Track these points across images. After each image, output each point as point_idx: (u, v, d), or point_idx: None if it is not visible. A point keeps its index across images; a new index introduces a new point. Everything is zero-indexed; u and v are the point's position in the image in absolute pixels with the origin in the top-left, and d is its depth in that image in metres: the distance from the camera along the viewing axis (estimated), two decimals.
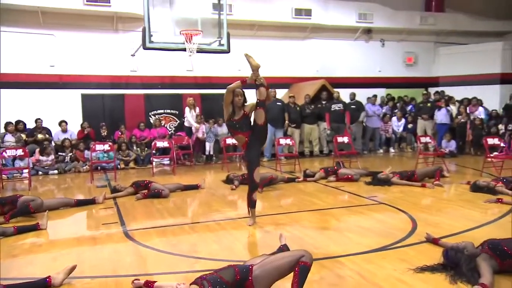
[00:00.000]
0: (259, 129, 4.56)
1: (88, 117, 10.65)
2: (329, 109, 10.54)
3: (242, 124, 4.54)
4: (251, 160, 4.60)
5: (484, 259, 3.12)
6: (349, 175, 7.18)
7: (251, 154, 4.60)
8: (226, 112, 4.59)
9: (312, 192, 6.43)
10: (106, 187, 7.15)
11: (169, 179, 7.84)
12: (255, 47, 11.88)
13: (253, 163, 4.59)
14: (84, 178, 8.36)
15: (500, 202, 5.39)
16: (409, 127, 11.94)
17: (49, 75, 10.59)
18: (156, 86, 11.46)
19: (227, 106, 4.56)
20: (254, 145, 4.59)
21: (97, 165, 9.18)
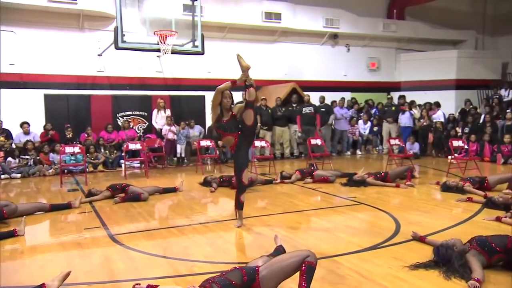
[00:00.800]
0: (247, 130, 4.56)
1: (52, 118, 10.21)
2: (300, 112, 10.71)
3: (230, 126, 4.52)
4: (239, 161, 4.59)
5: (473, 255, 3.28)
6: (325, 177, 7.31)
7: (240, 155, 4.59)
8: (214, 114, 4.55)
9: (292, 194, 6.50)
10: (77, 191, 6.89)
11: (143, 182, 7.67)
12: (225, 50, 11.92)
13: (242, 164, 4.58)
14: (50, 182, 8.00)
15: (470, 201, 5.69)
16: (375, 130, 12.36)
17: (9, 74, 10.05)
18: (124, 87, 11.15)
19: (215, 108, 4.52)
20: (242, 146, 4.58)
21: (64, 168, 8.81)
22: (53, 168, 8.93)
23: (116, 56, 10.46)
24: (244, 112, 4.52)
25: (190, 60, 11.18)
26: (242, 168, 4.58)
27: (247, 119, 4.52)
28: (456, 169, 8.32)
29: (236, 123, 4.57)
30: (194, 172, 9.01)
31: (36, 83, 10.27)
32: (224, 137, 4.61)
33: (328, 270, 3.35)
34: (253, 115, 4.53)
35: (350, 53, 14.21)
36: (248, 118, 4.52)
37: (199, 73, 11.81)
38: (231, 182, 6.86)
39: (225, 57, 11.92)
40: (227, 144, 4.70)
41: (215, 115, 4.56)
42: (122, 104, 11.09)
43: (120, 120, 10.98)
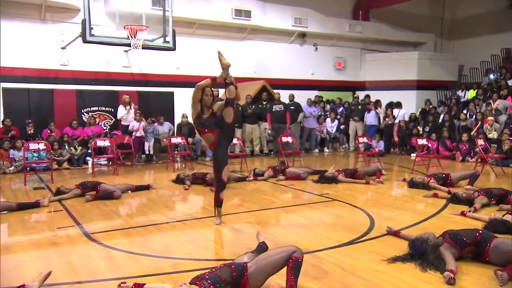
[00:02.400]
0: (227, 127, 4.59)
1: (11, 113, 9.78)
2: (271, 109, 10.82)
3: (210, 123, 4.53)
4: (219, 159, 4.61)
5: (446, 248, 3.46)
6: (298, 174, 7.44)
7: (220, 152, 4.60)
8: (194, 111, 4.55)
9: (267, 191, 6.59)
10: (44, 189, 6.65)
11: (113, 180, 7.52)
12: (193, 46, 11.85)
13: (221, 162, 4.60)
14: (11, 180, 7.67)
15: (436, 196, 5.98)
16: (341, 128, 12.67)
17: None
18: (90, 82, 10.85)
19: (195, 104, 4.52)
20: (222, 144, 4.60)
21: (27, 166, 8.45)
22: (13, 165, 8.56)
23: (80, 49, 10.16)
24: (224, 109, 4.54)
25: (158, 56, 11.01)
26: (221, 166, 4.60)
27: (226, 116, 4.54)
28: (419, 166, 8.70)
29: (216, 121, 4.58)
30: (164, 169, 8.91)
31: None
32: (204, 134, 4.61)
33: (311, 265, 3.44)
34: (233, 113, 4.56)
35: (317, 52, 14.48)
36: (228, 115, 4.54)
37: (168, 69, 11.66)
38: (205, 179, 6.86)
39: (195, 53, 11.87)
40: (207, 141, 4.70)
41: (195, 112, 4.56)
42: (87, 100, 10.78)
43: (85, 116, 10.68)
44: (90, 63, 10.74)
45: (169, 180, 7.35)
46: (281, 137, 9.25)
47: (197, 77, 12.53)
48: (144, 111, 10.56)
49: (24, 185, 7.13)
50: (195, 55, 11.91)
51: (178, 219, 4.87)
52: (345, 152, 12.24)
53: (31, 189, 6.81)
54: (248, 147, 11.19)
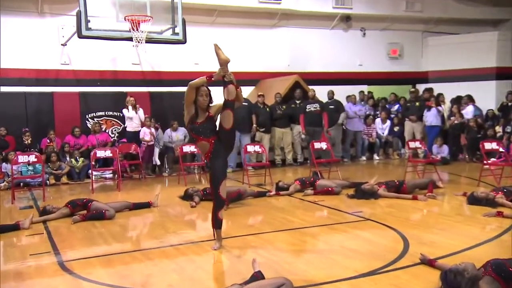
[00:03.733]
0: (226, 134, 4.60)
1: (6, 120, 10.21)
2: (304, 110, 10.74)
3: (206, 128, 4.56)
4: (216, 171, 4.62)
5: (487, 282, 3.24)
6: (329, 187, 7.34)
7: (217, 164, 4.62)
8: (187, 114, 4.60)
9: (287, 208, 6.54)
10: (32, 208, 6.96)
11: (114, 196, 7.73)
12: (214, 37, 11.84)
13: (218, 175, 4.61)
14: (2, 198, 8.04)
15: (501, 215, 5.62)
16: (395, 130, 12.35)
17: None
18: (95, 82, 11.24)
19: (189, 107, 4.58)
20: (219, 153, 4.61)
21: (19, 181, 8.91)
22: (6, 181, 9.01)
23: (83, 45, 10.52)
24: (222, 113, 4.56)
25: (173, 51, 11.24)
26: (219, 179, 4.61)
27: (225, 121, 4.56)
28: (490, 177, 8.30)
29: (213, 126, 4.62)
30: (176, 183, 9.07)
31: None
32: (198, 142, 4.65)
33: None
34: (232, 117, 4.56)
35: (366, 38, 14.21)
36: (227, 120, 4.55)
37: (185, 65, 11.85)
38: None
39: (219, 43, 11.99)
40: (201, 150, 4.74)
41: (188, 115, 4.61)
42: (92, 103, 11.16)
43: (89, 122, 11.08)
44: (94, 61, 11.11)
45: (177, 196, 7.46)
46: (312, 143, 9.15)
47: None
48: (156, 115, 10.83)
49: (11, 204, 7.47)
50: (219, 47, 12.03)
51: (172, 243, 4.92)
52: (401, 160, 11.91)
53: (19, 208, 7.10)
54: (278, 155, 11.17)
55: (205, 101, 4.55)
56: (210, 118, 4.60)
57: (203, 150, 4.68)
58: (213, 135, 4.58)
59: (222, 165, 4.68)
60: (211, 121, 4.60)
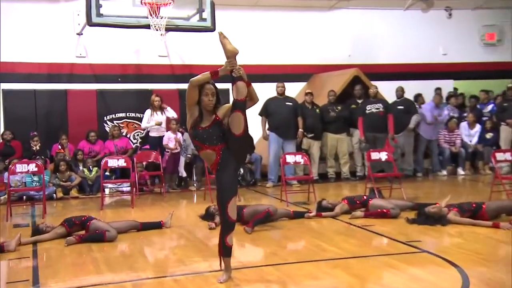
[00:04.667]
0: (236, 141, 4.53)
1: (12, 123, 10.81)
2: (363, 111, 10.59)
3: (211, 134, 4.52)
4: (223, 187, 4.56)
5: None
6: (384, 209, 7.13)
7: (224, 177, 4.56)
8: (190, 117, 4.59)
9: (326, 233, 6.41)
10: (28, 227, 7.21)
11: (125, 214, 7.93)
12: (257, 22, 12.04)
13: (226, 191, 4.55)
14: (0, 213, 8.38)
15: None
16: (488, 138, 11.88)
17: None
18: (115, 78, 11.58)
19: (191, 108, 4.57)
20: (228, 165, 4.56)
21: (21, 194, 9.30)
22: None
23: (102, 35, 10.88)
24: (231, 115, 4.52)
25: (207, 40, 11.29)
26: (227, 197, 4.55)
27: (235, 126, 4.49)
28: None
29: (220, 132, 4.57)
30: (202, 199, 9.16)
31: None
32: (202, 151, 4.63)
33: None
34: (243, 120, 4.50)
35: (452, 20, 13.80)
36: (236, 124, 4.49)
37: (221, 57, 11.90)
38: (241, 215, 6.89)
39: (259, 33, 12.06)
40: (207, 160, 4.71)
41: (191, 119, 4.61)
42: (111, 103, 11.52)
43: (108, 126, 11.43)
44: (114, 53, 11.45)
45: (198, 215, 7.51)
46: (369, 152, 8.95)
47: (264, 66, 13.14)
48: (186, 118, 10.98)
49: (6, 221, 7.77)
50: (260, 36, 12.11)
51: (173, 274, 4.93)
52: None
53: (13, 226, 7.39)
54: (332, 168, 11.04)
55: (210, 102, 4.52)
56: (217, 122, 4.55)
57: (208, 160, 4.64)
58: (220, 142, 4.53)
59: (231, 179, 4.62)
60: (218, 125, 4.55)
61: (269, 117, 10.55)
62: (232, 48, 4.52)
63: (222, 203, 4.59)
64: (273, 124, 10.53)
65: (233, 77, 4.49)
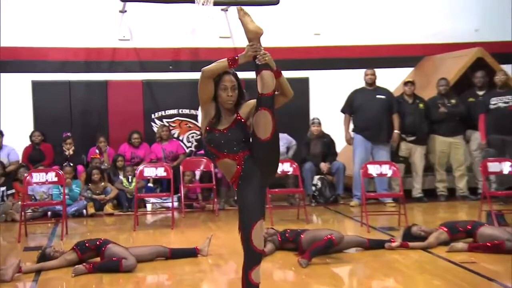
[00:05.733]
0: (262, 148, 4.43)
1: (43, 122, 11.28)
2: (486, 106, 10.26)
3: (231, 139, 4.44)
4: (246, 207, 4.45)
5: None
6: (497, 241, 6.80)
7: (248, 196, 4.46)
8: (204, 117, 4.54)
9: (406, 271, 6.21)
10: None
11: (160, 237, 8.06)
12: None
13: (249, 213, 4.44)
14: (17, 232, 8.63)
15: None
16: None
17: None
18: (165, 66, 11.78)
19: (206, 106, 4.51)
20: (252, 179, 4.44)
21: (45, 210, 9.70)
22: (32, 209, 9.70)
23: (149, 12, 11.20)
24: (256, 114, 4.45)
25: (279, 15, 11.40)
26: (251, 221, 4.44)
27: (260, 128, 4.39)
28: None
29: (243, 136, 4.50)
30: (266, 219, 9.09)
31: (19, 63, 11.42)
32: (219, 160, 4.59)
33: None
34: (271, 121, 4.40)
35: None
36: (262, 126, 4.39)
37: (299, 37, 11.98)
38: (298, 242, 6.85)
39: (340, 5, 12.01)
40: (225, 172, 4.65)
41: (205, 120, 4.58)
42: (160, 97, 11.72)
43: (156, 125, 11.67)
44: (165, 34, 11.68)
45: None
46: (485, 162, 8.59)
47: (348, 48, 12.90)
48: None
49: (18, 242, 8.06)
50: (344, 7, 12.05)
51: None
52: None
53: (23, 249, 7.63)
54: (442, 182, 10.73)
55: (230, 98, 4.46)
56: (238, 124, 4.47)
57: (227, 172, 4.55)
58: (242, 149, 4.45)
59: (256, 197, 4.49)
60: (240, 127, 4.48)
61: (354, 114, 10.42)
62: (254, 27, 4.43)
63: (244, 228, 4.50)
64: (360, 123, 10.40)
65: (256, 65, 4.43)
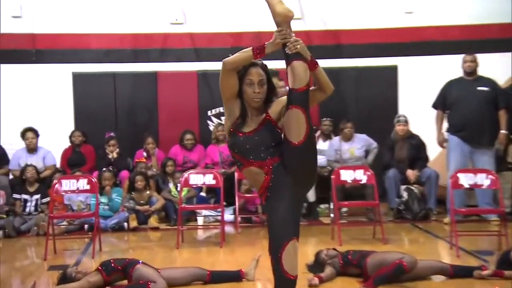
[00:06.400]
0: (294, 154, 4.40)
1: (85, 120, 11.54)
2: None
3: (258, 144, 4.49)
4: (275, 225, 4.41)
5: None
6: None
7: (277, 210, 4.41)
8: (228, 117, 4.59)
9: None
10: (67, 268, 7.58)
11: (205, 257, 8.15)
12: None
13: (280, 232, 4.38)
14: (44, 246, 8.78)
15: None
16: None
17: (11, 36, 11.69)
18: (225, 54, 11.69)
19: (228, 104, 4.56)
20: (283, 191, 4.41)
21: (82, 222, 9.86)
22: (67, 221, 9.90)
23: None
24: (286, 114, 4.42)
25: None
26: (281, 241, 4.38)
27: (291, 130, 4.36)
28: None
29: (273, 139, 4.50)
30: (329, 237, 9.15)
31: (60, 52, 11.73)
32: (244, 168, 4.58)
33: None
34: (304, 122, 4.36)
35: None
36: (295, 127, 4.36)
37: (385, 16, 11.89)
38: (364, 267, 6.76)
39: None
40: (252, 182, 4.66)
41: (229, 120, 4.60)
42: (218, 91, 11.61)
43: (212, 124, 11.76)
44: (224, 16, 11.76)
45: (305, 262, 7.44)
46: None
47: (452, 29, 12.71)
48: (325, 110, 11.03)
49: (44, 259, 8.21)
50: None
51: None
52: None
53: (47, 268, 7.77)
54: None
55: (257, 95, 4.46)
56: (267, 125, 4.53)
57: (254, 182, 4.59)
58: (271, 156, 4.46)
59: (288, 212, 4.42)
60: (269, 129, 4.53)
61: (449, 110, 10.21)
62: (283, 9, 4.41)
63: (273, 250, 4.45)
64: (456, 121, 10.15)
65: (286, 54, 4.40)
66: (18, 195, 10.41)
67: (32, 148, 11.01)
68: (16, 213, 10.23)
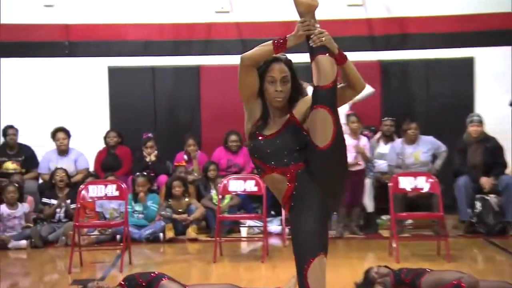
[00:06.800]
0: (320, 158, 4.36)
1: (121, 120, 11.64)
2: None
3: (280, 148, 4.48)
4: (300, 238, 4.38)
5: None
6: None
7: (302, 222, 4.38)
8: (248, 118, 4.61)
9: None
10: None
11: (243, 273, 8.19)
12: None
13: (305, 246, 4.35)
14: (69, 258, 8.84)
15: None
16: None
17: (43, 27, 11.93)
18: None
19: (249, 103, 4.58)
20: (308, 201, 4.39)
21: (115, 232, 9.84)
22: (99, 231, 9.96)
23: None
24: (311, 114, 4.38)
25: None
26: (307, 256, 4.35)
27: (317, 132, 4.30)
28: None
29: (297, 143, 4.47)
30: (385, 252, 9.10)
31: (94, 44, 11.87)
32: (266, 175, 4.56)
33: None
34: (332, 123, 4.30)
35: None
36: (321, 129, 4.31)
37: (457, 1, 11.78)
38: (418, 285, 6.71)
39: None
40: (274, 190, 4.61)
41: (249, 121, 4.59)
42: None
43: None
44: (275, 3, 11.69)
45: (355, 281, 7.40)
46: None
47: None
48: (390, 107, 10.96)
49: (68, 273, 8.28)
50: None
51: None
52: None
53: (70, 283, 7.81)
54: None
55: (279, 94, 4.45)
56: (291, 126, 4.51)
57: (276, 191, 4.57)
58: (295, 161, 4.43)
59: (315, 224, 4.40)
60: (293, 131, 4.51)
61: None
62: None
63: (298, 267, 4.43)
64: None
65: (311, 47, 4.36)
66: (48, 200, 10.51)
67: (63, 149, 11.12)
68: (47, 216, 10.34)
